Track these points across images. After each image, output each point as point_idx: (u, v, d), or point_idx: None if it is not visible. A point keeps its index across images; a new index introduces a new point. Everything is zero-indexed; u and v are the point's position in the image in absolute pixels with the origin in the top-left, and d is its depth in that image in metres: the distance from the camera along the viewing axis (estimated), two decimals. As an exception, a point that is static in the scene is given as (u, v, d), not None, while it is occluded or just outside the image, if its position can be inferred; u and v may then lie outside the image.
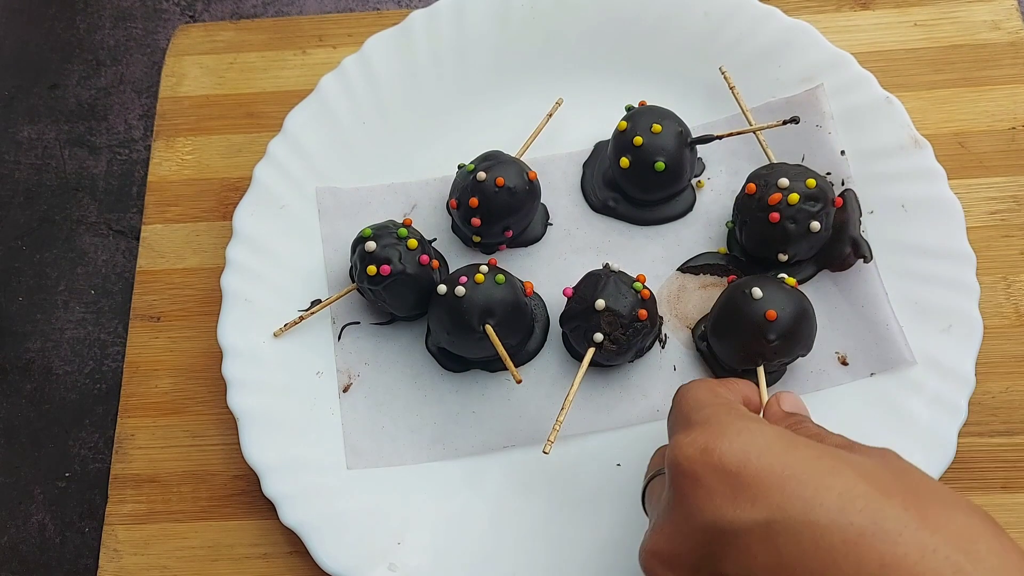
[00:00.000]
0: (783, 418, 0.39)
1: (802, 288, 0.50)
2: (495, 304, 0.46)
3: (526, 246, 0.53)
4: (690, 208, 0.53)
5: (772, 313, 0.43)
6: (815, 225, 0.46)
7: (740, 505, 0.30)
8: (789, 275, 0.49)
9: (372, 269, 0.47)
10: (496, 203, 0.49)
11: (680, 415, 0.36)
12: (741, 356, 0.45)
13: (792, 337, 0.44)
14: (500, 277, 0.46)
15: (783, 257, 0.48)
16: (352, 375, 0.50)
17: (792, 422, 0.38)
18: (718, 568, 0.31)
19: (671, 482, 0.33)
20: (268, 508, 0.47)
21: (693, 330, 0.49)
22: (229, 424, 0.49)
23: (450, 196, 0.51)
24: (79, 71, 0.63)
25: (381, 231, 0.48)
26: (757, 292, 0.44)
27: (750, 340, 0.44)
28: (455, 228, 0.53)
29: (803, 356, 0.46)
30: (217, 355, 0.50)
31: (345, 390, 0.50)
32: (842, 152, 0.51)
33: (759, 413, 0.41)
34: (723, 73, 0.52)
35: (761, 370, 0.45)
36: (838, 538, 0.28)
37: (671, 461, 0.33)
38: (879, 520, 0.28)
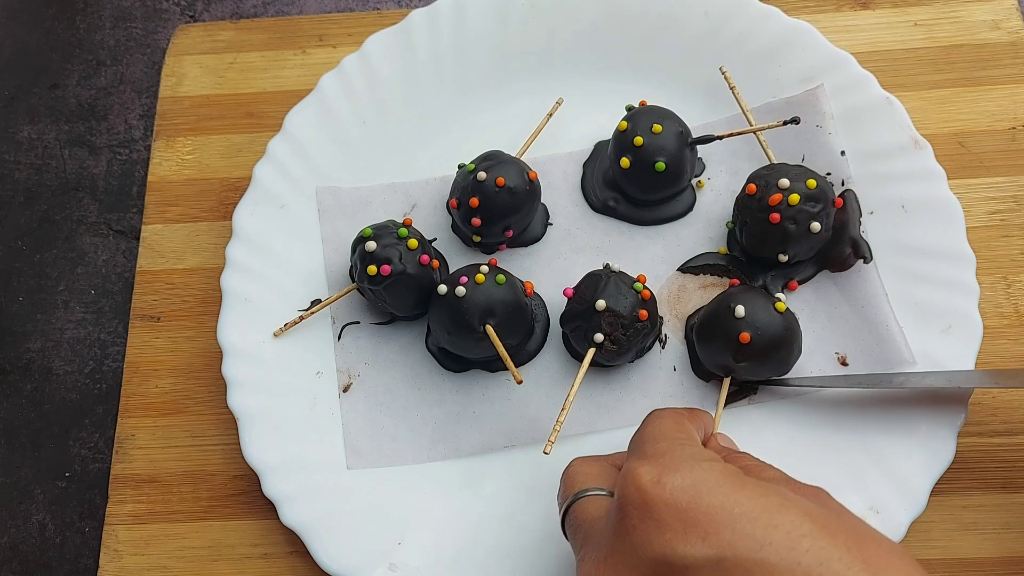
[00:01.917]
0: (722, 450, 0.40)
1: (802, 288, 0.50)
2: (495, 304, 0.46)
3: (526, 246, 0.53)
4: (690, 208, 0.53)
5: (746, 336, 0.44)
6: (815, 226, 0.46)
7: (690, 541, 0.30)
8: (789, 275, 0.50)
9: (372, 269, 0.47)
10: (496, 203, 0.49)
11: (638, 443, 0.36)
12: (712, 363, 0.47)
13: (762, 362, 0.45)
14: (500, 277, 0.46)
15: (783, 257, 0.48)
16: (352, 375, 0.50)
17: (730, 455, 0.38)
18: None
19: (619, 511, 0.33)
20: (268, 508, 0.47)
21: (687, 319, 0.50)
22: (229, 424, 0.49)
23: (450, 196, 0.51)
24: (79, 71, 0.63)
25: (381, 231, 0.48)
26: (740, 311, 0.45)
27: (720, 354, 0.45)
28: (455, 228, 0.53)
29: (779, 376, 0.47)
30: (217, 355, 0.50)
31: (345, 390, 0.50)
32: (842, 152, 0.51)
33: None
34: (723, 73, 0.52)
35: (726, 382, 0.46)
36: None
37: (622, 490, 0.33)
38: (825, 560, 0.29)
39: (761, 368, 0.45)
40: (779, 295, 0.46)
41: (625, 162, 0.50)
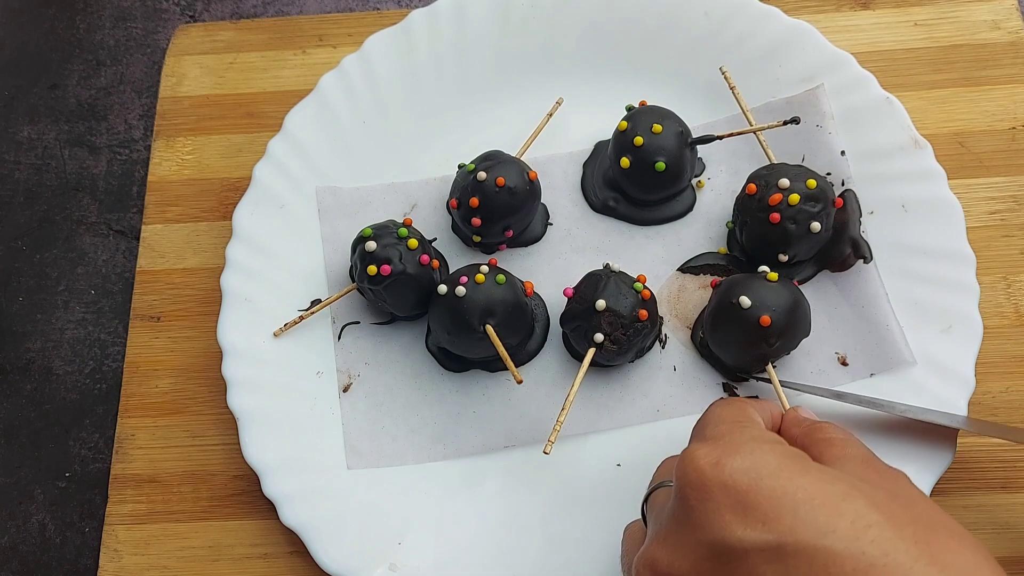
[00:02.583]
0: (802, 423, 0.39)
1: (802, 288, 0.50)
2: (495, 304, 0.46)
3: (526, 246, 0.53)
4: (690, 208, 0.53)
5: (766, 319, 0.44)
6: (815, 225, 0.46)
7: (750, 524, 0.30)
8: (789, 275, 0.50)
9: (372, 269, 0.47)
10: (496, 203, 0.49)
11: (698, 427, 0.37)
12: (749, 362, 0.46)
13: (791, 331, 0.45)
14: (500, 277, 0.46)
15: (783, 257, 0.48)
16: (352, 375, 0.50)
17: (812, 427, 0.38)
18: None
19: (678, 493, 0.33)
20: (268, 508, 0.47)
21: (692, 335, 0.49)
22: (229, 424, 0.49)
23: (450, 196, 0.51)
24: (79, 71, 0.63)
25: (381, 231, 0.48)
26: (745, 301, 0.44)
27: (752, 348, 0.45)
28: (455, 228, 0.53)
29: (805, 338, 0.47)
30: (217, 355, 0.50)
31: (345, 390, 0.50)
32: (842, 152, 0.51)
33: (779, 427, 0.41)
34: (723, 73, 0.52)
35: (772, 370, 0.45)
36: (849, 566, 0.28)
37: (680, 471, 0.33)
38: (891, 552, 0.28)
39: (793, 336, 0.45)
40: (763, 267, 0.46)
41: (625, 162, 0.50)
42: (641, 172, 0.50)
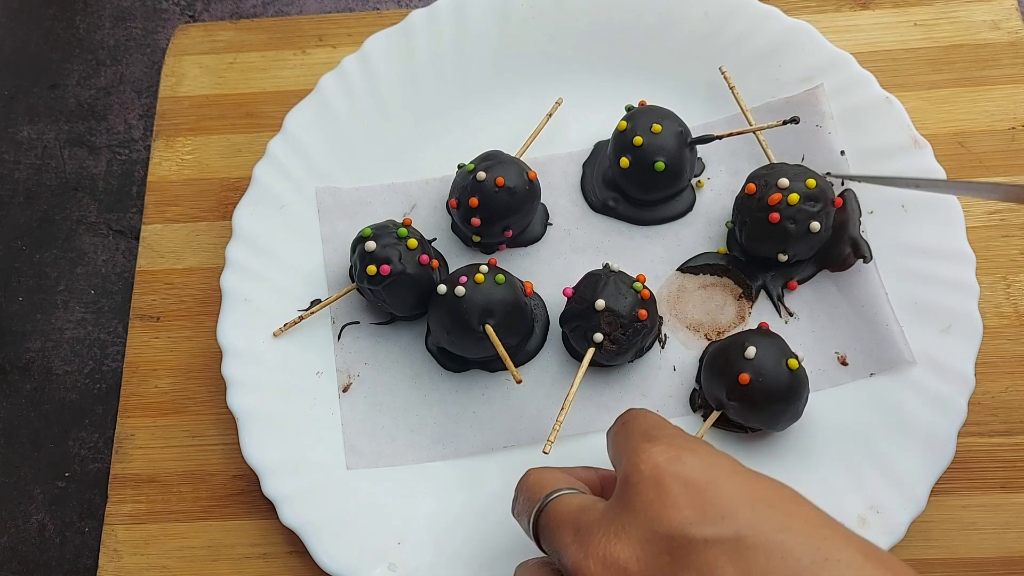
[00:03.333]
0: None
1: (802, 288, 0.50)
2: (495, 304, 0.46)
3: (526, 246, 0.53)
4: (690, 208, 0.53)
5: (745, 377, 0.44)
6: (815, 225, 0.46)
7: (709, 519, 0.31)
8: (789, 275, 0.50)
9: (372, 269, 0.47)
10: (496, 203, 0.49)
11: (637, 430, 0.36)
12: (710, 393, 0.46)
13: (753, 409, 0.44)
14: (500, 277, 0.46)
15: (783, 257, 0.48)
16: (352, 375, 0.50)
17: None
18: None
19: (631, 488, 0.33)
20: (268, 508, 0.47)
21: (706, 348, 0.49)
22: (229, 424, 0.49)
23: (450, 196, 0.51)
24: (79, 71, 0.63)
25: (381, 231, 0.48)
26: (751, 352, 0.44)
27: (718, 387, 0.45)
28: (455, 228, 0.53)
29: (775, 431, 0.46)
30: (217, 355, 0.50)
31: (345, 390, 0.50)
32: (842, 152, 0.51)
33: None
34: (723, 73, 0.52)
35: (714, 415, 0.45)
36: (807, 560, 0.29)
37: (634, 467, 0.33)
38: (843, 550, 0.30)
39: (750, 414, 0.45)
40: (798, 354, 0.45)
41: (625, 162, 0.50)
42: (641, 172, 0.50)
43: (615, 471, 0.37)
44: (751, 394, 0.44)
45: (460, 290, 0.46)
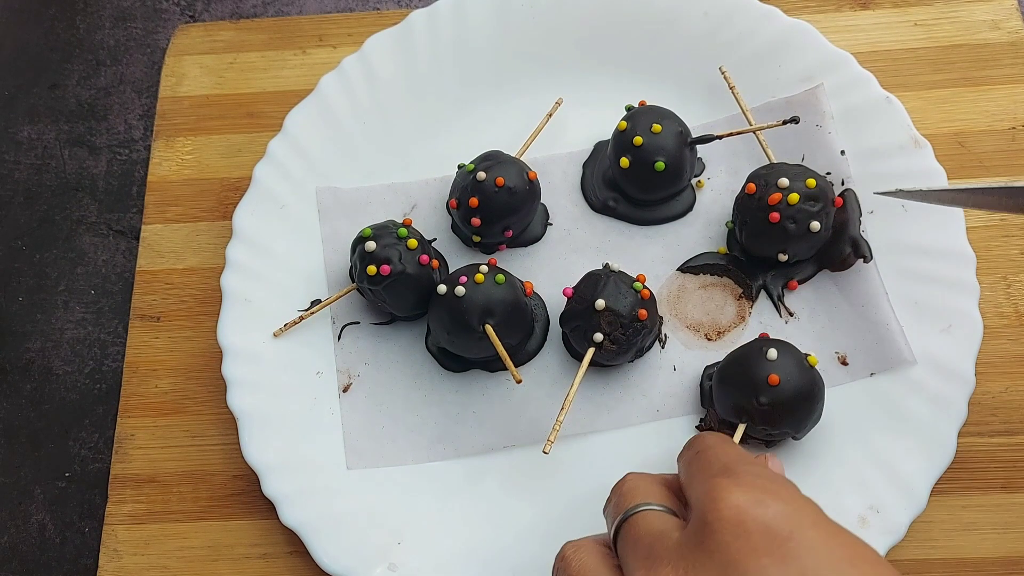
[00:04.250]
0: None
1: (802, 288, 0.50)
2: (495, 304, 0.46)
3: (526, 246, 0.53)
4: (690, 208, 0.53)
5: (775, 378, 0.43)
6: (815, 225, 0.46)
7: (788, 573, 0.29)
8: (789, 275, 0.50)
9: (372, 269, 0.47)
10: (496, 203, 0.49)
11: (716, 463, 0.35)
12: (730, 407, 0.45)
13: (784, 411, 0.43)
14: (500, 277, 0.46)
15: (783, 257, 0.48)
16: (352, 375, 0.50)
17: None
18: None
19: (707, 527, 0.31)
20: (268, 508, 0.47)
21: (705, 370, 0.49)
22: (229, 424, 0.49)
23: (450, 196, 0.51)
24: (79, 71, 0.63)
25: (381, 231, 0.48)
26: (772, 354, 0.43)
27: (743, 395, 0.44)
28: (455, 228, 0.53)
29: (793, 438, 0.45)
30: (217, 355, 0.50)
31: (345, 390, 0.50)
32: (842, 152, 0.51)
33: None
34: (723, 73, 0.52)
35: (741, 428, 0.44)
36: None
37: (711, 504, 0.32)
38: None
39: (781, 418, 0.43)
40: (811, 354, 0.45)
41: (625, 162, 0.50)
42: (641, 172, 0.50)
43: (688, 499, 0.35)
44: (782, 395, 0.43)
45: (460, 290, 0.46)
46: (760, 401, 0.43)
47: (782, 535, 0.30)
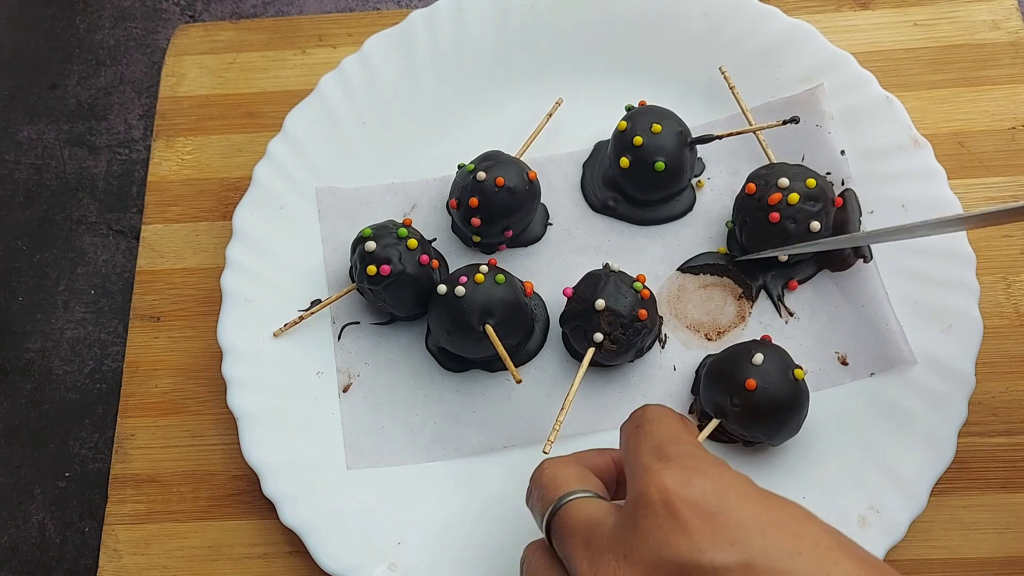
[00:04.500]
0: None
1: (802, 288, 0.50)
2: (495, 304, 0.46)
3: (526, 246, 0.53)
4: (690, 208, 0.53)
5: (752, 383, 0.43)
6: (815, 225, 0.46)
7: (720, 545, 0.30)
8: (789, 275, 0.50)
9: (372, 269, 0.47)
10: (496, 203, 0.49)
11: (650, 443, 0.36)
12: (710, 401, 0.45)
13: (756, 416, 0.43)
14: (500, 277, 0.46)
15: (783, 257, 0.48)
16: (352, 375, 0.50)
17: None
18: None
19: (641, 511, 0.32)
20: (268, 508, 0.47)
21: (704, 359, 0.49)
22: (229, 424, 0.49)
23: (450, 196, 0.51)
24: (79, 71, 0.63)
25: (381, 231, 0.48)
26: (758, 358, 0.44)
27: (721, 393, 0.44)
28: (455, 228, 0.53)
29: (771, 444, 0.45)
30: (217, 355, 0.50)
31: (345, 390, 0.50)
32: (842, 152, 0.51)
33: None
34: (723, 73, 0.52)
35: (712, 424, 0.44)
36: None
37: (642, 488, 0.33)
38: (852, 574, 0.30)
39: (752, 423, 0.44)
40: (801, 367, 0.45)
41: (625, 162, 0.50)
42: (641, 172, 0.50)
43: (625, 472, 0.36)
44: (756, 401, 0.43)
45: (460, 290, 0.46)
46: (733, 402, 0.44)
47: (709, 511, 0.31)
